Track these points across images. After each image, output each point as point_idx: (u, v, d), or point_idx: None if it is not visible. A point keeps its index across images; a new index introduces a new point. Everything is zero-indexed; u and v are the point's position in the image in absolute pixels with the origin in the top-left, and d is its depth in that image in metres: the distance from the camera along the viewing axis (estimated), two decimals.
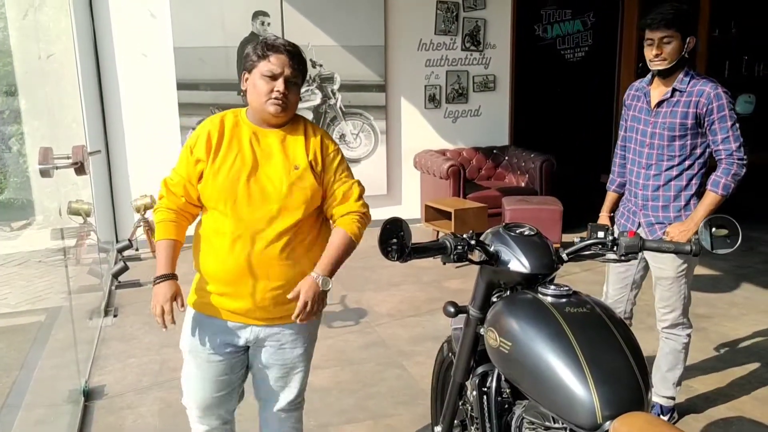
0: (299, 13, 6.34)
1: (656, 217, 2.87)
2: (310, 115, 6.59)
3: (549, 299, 1.69)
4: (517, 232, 1.84)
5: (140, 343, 4.11)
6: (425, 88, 6.91)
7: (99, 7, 5.92)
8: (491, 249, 1.80)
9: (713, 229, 1.84)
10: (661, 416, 3.02)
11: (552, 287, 1.72)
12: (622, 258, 1.87)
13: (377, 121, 6.79)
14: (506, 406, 1.87)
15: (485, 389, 1.92)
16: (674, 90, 2.75)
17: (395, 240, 1.65)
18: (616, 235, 1.88)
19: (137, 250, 5.88)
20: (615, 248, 1.87)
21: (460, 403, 2.18)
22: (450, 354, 2.32)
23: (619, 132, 3.09)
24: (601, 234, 1.88)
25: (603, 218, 3.13)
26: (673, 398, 3.05)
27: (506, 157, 7.00)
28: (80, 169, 3.11)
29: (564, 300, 1.69)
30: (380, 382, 3.56)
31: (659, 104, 2.80)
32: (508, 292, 1.85)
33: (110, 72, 6.04)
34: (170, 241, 2.13)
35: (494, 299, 1.90)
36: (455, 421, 2.24)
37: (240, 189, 2.05)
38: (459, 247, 1.74)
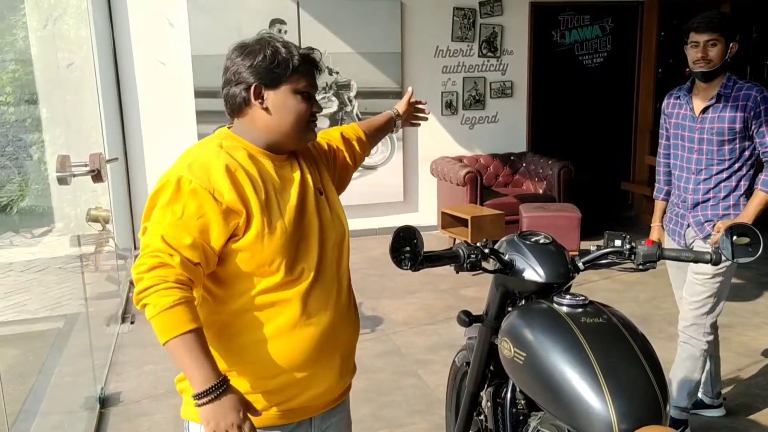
0: (316, 21, 6.36)
1: (705, 215, 2.88)
2: (326, 123, 6.60)
3: (564, 309, 1.66)
4: (532, 240, 1.81)
5: (157, 350, 4.11)
6: (442, 95, 6.89)
7: (118, 16, 5.99)
8: (505, 257, 1.78)
9: (734, 238, 1.81)
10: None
11: (567, 297, 1.69)
12: (640, 267, 1.84)
13: None
14: (521, 417, 1.84)
15: (500, 400, 1.90)
16: (719, 95, 2.79)
17: (408, 248, 1.63)
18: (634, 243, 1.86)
19: None
20: (632, 257, 1.84)
21: (475, 414, 2.15)
22: (464, 363, 2.30)
23: (660, 141, 3.10)
24: (618, 242, 1.85)
25: (655, 228, 3.11)
26: (687, 410, 2.94)
27: (524, 164, 6.95)
28: (97, 176, 3.14)
29: (580, 310, 1.66)
30: (396, 390, 3.53)
31: (705, 110, 2.83)
32: (523, 302, 1.83)
33: (129, 80, 6.09)
34: (199, 331, 1.43)
35: (509, 309, 1.88)
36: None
37: (308, 236, 1.60)
38: (472, 255, 1.72)
